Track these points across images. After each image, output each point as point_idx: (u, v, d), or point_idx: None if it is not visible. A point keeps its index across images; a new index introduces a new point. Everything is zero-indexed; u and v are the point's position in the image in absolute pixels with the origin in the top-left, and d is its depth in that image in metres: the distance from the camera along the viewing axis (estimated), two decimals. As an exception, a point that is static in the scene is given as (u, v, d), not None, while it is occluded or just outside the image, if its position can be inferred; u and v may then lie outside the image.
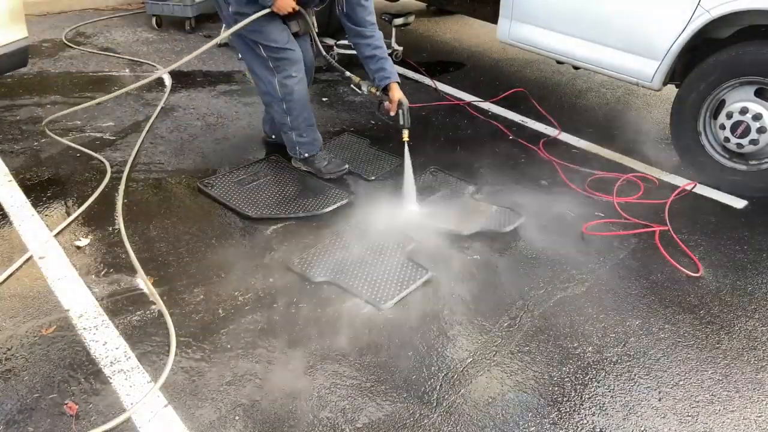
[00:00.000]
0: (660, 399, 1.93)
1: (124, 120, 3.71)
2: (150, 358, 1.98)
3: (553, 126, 3.88)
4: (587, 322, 2.24)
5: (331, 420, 1.79)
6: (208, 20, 5.78)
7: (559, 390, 1.95)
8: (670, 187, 3.18)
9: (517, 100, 4.26)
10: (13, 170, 3.07)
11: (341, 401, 1.86)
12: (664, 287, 2.45)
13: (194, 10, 5.40)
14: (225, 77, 4.51)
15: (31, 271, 2.37)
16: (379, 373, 1.97)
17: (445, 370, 1.99)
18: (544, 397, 1.92)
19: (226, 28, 2.95)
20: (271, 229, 2.70)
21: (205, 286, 2.33)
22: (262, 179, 3.06)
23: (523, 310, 2.28)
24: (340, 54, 4.71)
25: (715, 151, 3.20)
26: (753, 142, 2.98)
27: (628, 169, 3.37)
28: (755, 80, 2.94)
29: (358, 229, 2.70)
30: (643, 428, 1.83)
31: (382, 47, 2.94)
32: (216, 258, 2.49)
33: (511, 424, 1.81)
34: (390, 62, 2.95)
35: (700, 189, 3.19)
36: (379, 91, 2.95)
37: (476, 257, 2.57)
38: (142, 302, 2.23)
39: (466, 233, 2.68)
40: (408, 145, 2.84)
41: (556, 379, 1.99)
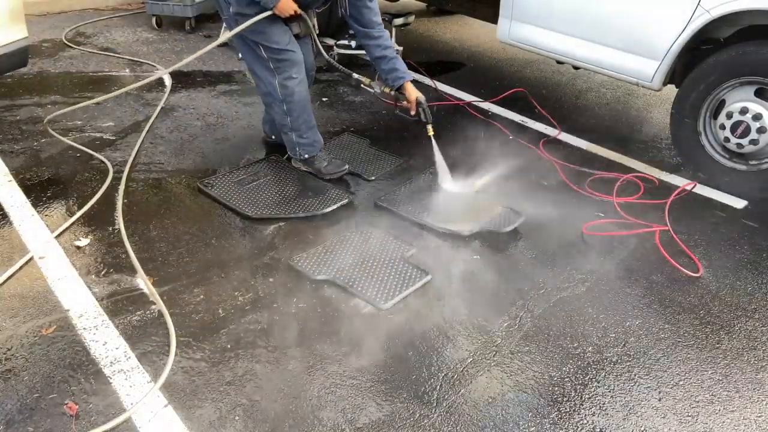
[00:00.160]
0: (660, 399, 1.93)
1: (124, 120, 3.71)
2: (150, 358, 1.98)
3: (553, 126, 3.88)
4: (587, 322, 2.24)
5: (331, 420, 1.79)
6: (208, 20, 5.79)
7: (559, 390, 1.94)
8: (670, 187, 3.18)
9: (517, 100, 4.26)
10: (13, 170, 3.07)
11: (341, 401, 1.86)
12: (664, 287, 2.45)
13: (194, 10, 5.40)
14: (225, 77, 4.51)
15: (31, 271, 2.37)
16: (379, 373, 1.97)
17: (445, 370, 1.99)
18: (544, 397, 1.92)
19: (227, 29, 2.95)
20: (271, 229, 2.70)
21: (205, 286, 2.33)
22: (262, 179, 3.06)
23: (523, 310, 2.28)
24: (339, 54, 4.70)
25: (715, 151, 3.20)
26: (753, 142, 2.98)
27: (628, 169, 3.37)
28: (755, 80, 2.94)
29: (358, 229, 2.70)
30: (643, 428, 1.83)
31: (391, 47, 3.02)
32: (216, 258, 2.49)
33: (511, 424, 1.81)
34: (401, 61, 3.02)
35: (700, 189, 3.19)
36: (393, 91, 3.01)
37: (476, 257, 2.57)
38: (142, 302, 2.23)
39: (467, 233, 2.68)
40: (434, 139, 3.01)
41: (556, 379, 1.99)
